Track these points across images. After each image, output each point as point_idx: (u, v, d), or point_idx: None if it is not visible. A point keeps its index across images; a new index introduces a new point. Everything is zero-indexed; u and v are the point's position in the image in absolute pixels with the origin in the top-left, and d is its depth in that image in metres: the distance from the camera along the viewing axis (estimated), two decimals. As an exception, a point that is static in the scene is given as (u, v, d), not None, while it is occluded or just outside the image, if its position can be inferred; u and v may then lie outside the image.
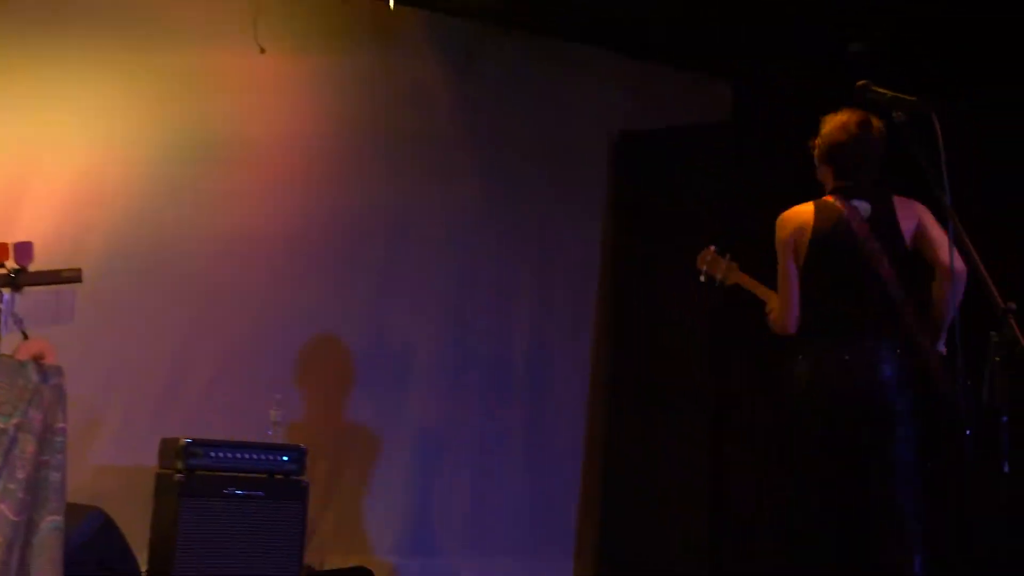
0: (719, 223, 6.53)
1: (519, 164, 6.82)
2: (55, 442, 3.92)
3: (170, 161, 5.98)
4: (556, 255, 6.98)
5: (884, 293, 4.11)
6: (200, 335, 5.98)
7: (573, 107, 6.98)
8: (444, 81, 6.67)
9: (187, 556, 5.03)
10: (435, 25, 6.57)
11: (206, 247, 6.00)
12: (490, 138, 6.80)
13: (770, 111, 6.69)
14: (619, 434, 6.83)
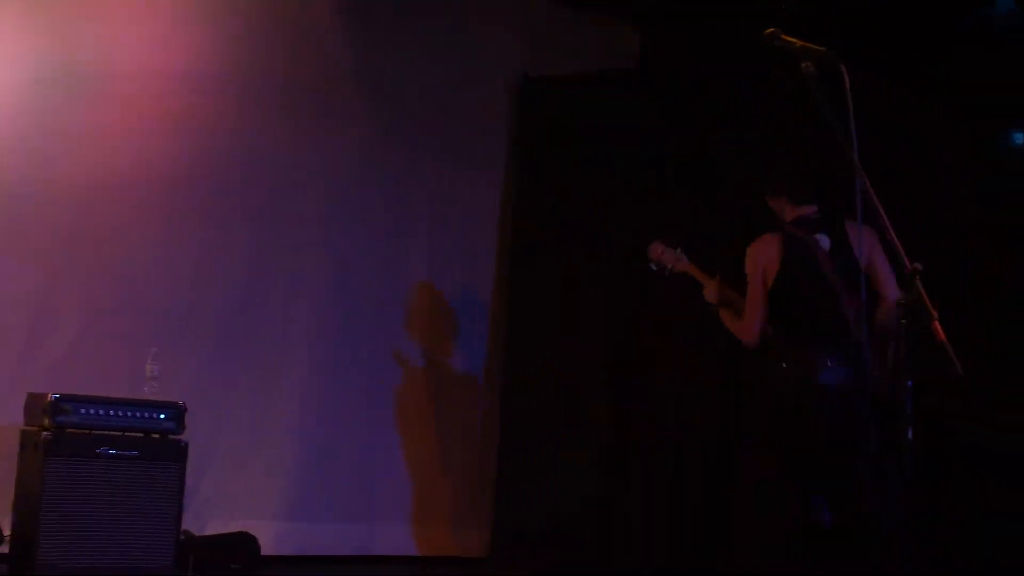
0: (625, 172, 6.59)
1: (415, 109, 6.75)
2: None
3: (35, 98, 5.73)
4: (453, 204, 6.97)
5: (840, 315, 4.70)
6: (68, 282, 5.79)
7: (473, 50, 6.95)
8: (331, 20, 6.55)
9: (54, 520, 4.91)
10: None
11: (73, 187, 5.77)
12: (384, 82, 6.72)
13: (678, 58, 6.73)
14: (516, 395, 6.85)
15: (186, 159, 6.08)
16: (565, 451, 6.51)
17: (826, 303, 4.71)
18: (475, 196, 7.06)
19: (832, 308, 4.69)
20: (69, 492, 4.97)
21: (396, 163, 6.71)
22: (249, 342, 6.27)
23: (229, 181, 6.22)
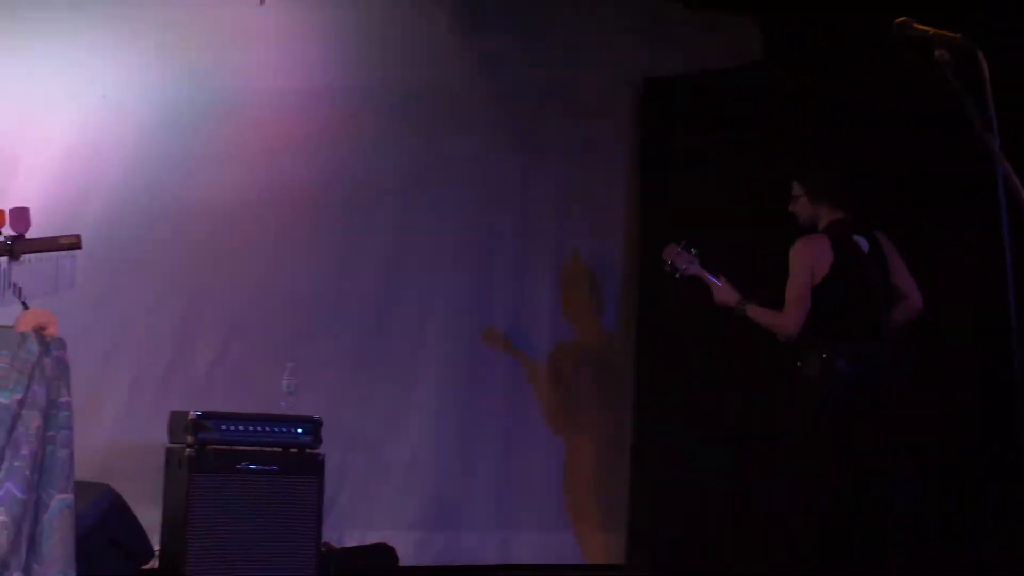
0: (751, 170, 6.53)
1: (535, 117, 6.82)
2: (60, 417, 3.97)
3: (168, 120, 5.99)
4: (577, 208, 6.99)
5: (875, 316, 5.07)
6: (205, 301, 6.03)
7: (590, 55, 6.97)
8: (454, 33, 6.66)
9: (200, 535, 5.10)
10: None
11: (208, 210, 6.02)
12: (503, 91, 6.79)
13: (803, 50, 6.66)
14: (649, 399, 6.85)
15: (318, 175, 6.27)
16: (701, 453, 6.47)
17: (864, 304, 5.04)
18: (598, 200, 7.08)
19: (869, 309, 5.05)
20: (213, 507, 5.15)
21: (519, 170, 6.77)
22: (384, 353, 6.40)
23: (359, 195, 6.38)
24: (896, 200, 5.92)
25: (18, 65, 5.69)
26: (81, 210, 5.60)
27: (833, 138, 6.33)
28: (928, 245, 5.82)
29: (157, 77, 5.99)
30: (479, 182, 6.69)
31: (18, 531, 3.79)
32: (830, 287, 5.01)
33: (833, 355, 4.98)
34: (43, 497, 3.88)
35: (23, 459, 3.82)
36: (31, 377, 3.86)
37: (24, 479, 3.82)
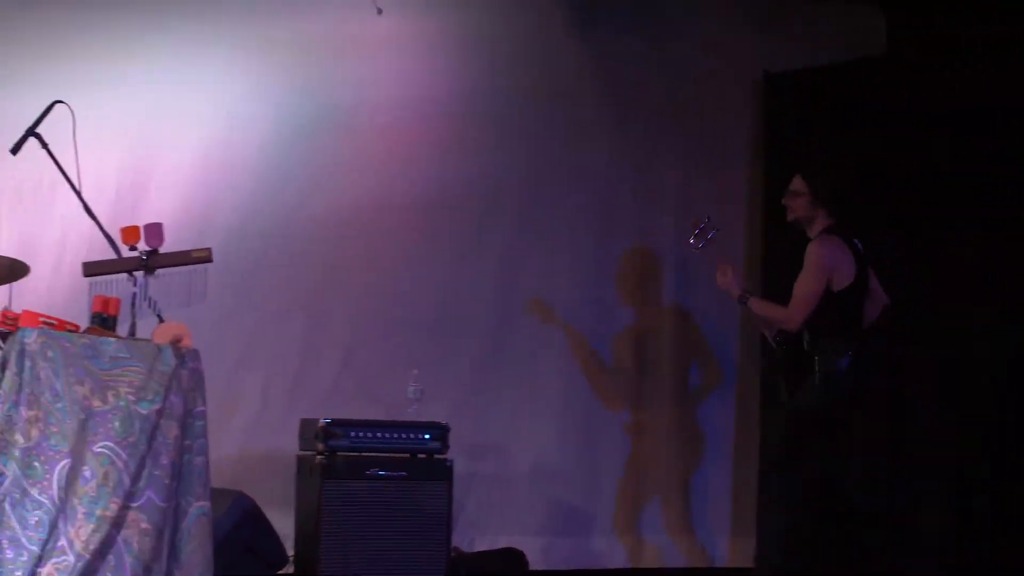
0: (877, 166, 6.42)
1: (652, 115, 6.79)
2: (196, 426, 4.10)
3: (290, 134, 6.17)
4: (700, 211, 6.92)
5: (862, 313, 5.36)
6: (330, 310, 6.18)
7: (710, 50, 6.90)
8: (567, 34, 6.67)
9: (333, 540, 5.19)
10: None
11: (332, 220, 6.18)
12: (619, 91, 6.78)
13: (930, 41, 6.52)
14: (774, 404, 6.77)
15: (439, 182, 6.36)
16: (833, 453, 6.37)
17: (861, 302, 5.31)
18: (720, 198, 7.01)
19: (861, 306, 5.31)
20: (344, 513, 5.24)
21: (638, 170, 6.76)
22: (507, 358, 6.46)
23: (480, 200, 6.45)
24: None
25: (149, 87, 5.92)
26: (210, 224, 5.80)
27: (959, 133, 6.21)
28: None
29: (280, 93, 6.17)
30: (598, 184, 6.70)
31: (159, 537, 3.93)
32: (852, 292, 5.24)
33: (852, 354, 5.21)
34: (182, 504, 4.01)
35: (163, 468, 3.96)
36: (168, 388, 4.00)
37: (164, 487, 3.95)
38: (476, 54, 6.51)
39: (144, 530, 3.89)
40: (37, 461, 3.78)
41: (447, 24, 6.47)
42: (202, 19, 6.01)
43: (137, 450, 3.90)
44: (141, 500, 3.90)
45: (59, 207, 5.63)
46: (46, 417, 3.81)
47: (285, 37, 6.14)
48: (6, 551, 3.69)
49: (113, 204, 5.61)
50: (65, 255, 5.66)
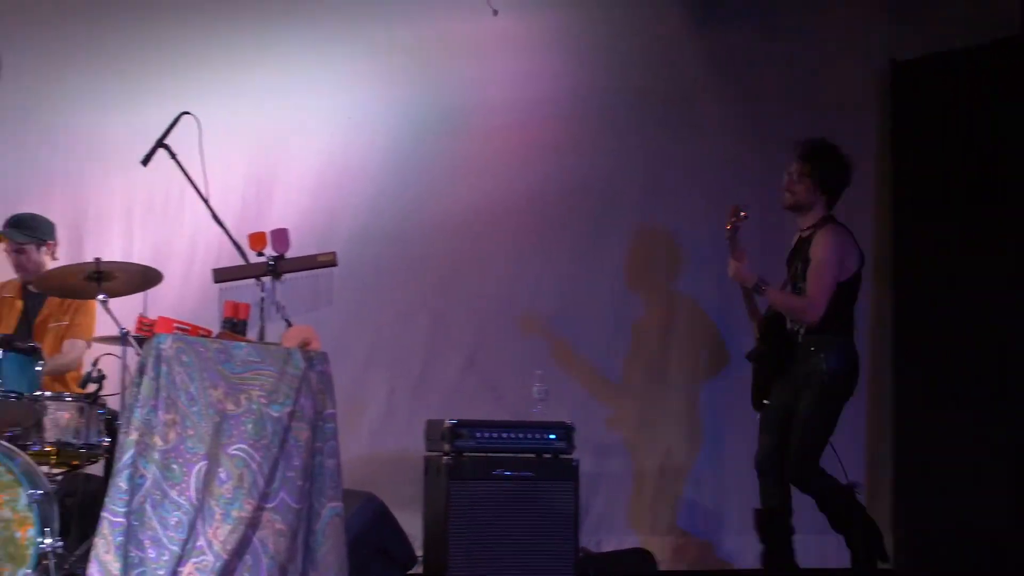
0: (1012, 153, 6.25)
1: (774, 111, 6.69)
2: (326, 428, 4.19)
3: (410, 137, 6.26)
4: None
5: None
6: (452, 311, 6.25)
7: (832, 40, 6.78)
8: (684, 30, 6.61)
9: (461, 540, 5.22)
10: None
11: (451, 221, 6.25)
12: (741, 85, 6.71)
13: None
14: (906, 390, 6.66)
15: (557, 182, 6.38)
16: (972, 450, 6.23)
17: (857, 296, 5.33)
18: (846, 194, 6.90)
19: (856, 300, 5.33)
20: (472, 513, 5.27)
21: (759, 166, 6.65)
22: (631, 357, 6.47)
23: (599, 199, 6.44)
24: None
25: (271, 95, 6.06)
26: (333, 229, 5.92)
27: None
28: None
29: (398, 97, 6.27)
30: (718, 181, 6.63)
31: (293, 539, 4.02)
32: (854, 284, 5.25)
33: (852, 346, 5.26)
34: (315, 506, 4.10)
35: (295, 470, 4.05)
36: (298, 391, 4.10)
37: (297, 489, 4.05)
38: (591, 53, 6.51)
39: (279, 531, 3.99)
40: (175, 463, 3.90)
41: (562, 24, 6.48)
42: (321, 27, 6.12)
43: (270, 452, 4.00)
44: (275, 501, 4.00)
45: (188, 216, 5.81)
46: (182, 420, 3.93)
47: (402, 41, 6.23)
48: (148, 551, 3.82)
49: (239, 211, 5.77)
50: (195, 262, 5.83)
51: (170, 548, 3.83)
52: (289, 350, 4.16)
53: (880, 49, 6.82)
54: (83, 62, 5.85)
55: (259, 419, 4.01)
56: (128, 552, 3.79)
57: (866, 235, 6.75)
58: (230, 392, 4.01)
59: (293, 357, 4.13)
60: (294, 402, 4.07)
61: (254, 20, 6.05)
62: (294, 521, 4.02)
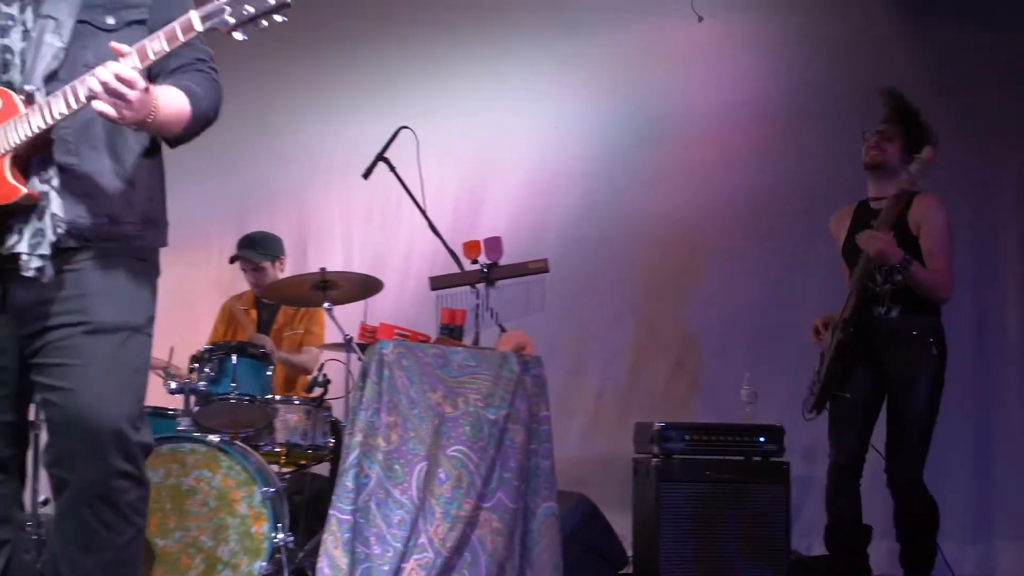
0: None
1: (991, 107, 6.38)
2: (541, 431, 4.25)
3: (616, 144, 6.29)
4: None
5: None
6: (659, 315, 6.24)
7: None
8: (893, 25, 6.38)
9: (671, 541, 5.18)
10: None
11: (659, 226, 6.25)
12: (953, 81, 6.45)
13: None
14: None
15: (761, 187, 6.26)
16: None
17: None
18: None
19: None
20: (682, 515, 5.21)
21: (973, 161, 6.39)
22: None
23: (805, 204, 6.24)
24: None
25: (483, 109, 6.20)
26: (543, 236, 5.98)
27: None
28: None
29: (604, 107, 6.32)
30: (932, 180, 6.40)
31: (511, 537, 4.09)
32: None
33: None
34: (530, 506, 4.16)
35: (511, 471, 4.13)
36: (514, 394, 4.17)
37: (513, 489, 4.12)
38: (797, 53, 6.34)
39: (496, 529, 4.06)
40: (397, 464, 4.01)
41: (766, 26, 6.38)
42: (530, 41, 6.24)
43: (487, 453, 4.08)
44: (492, 501, 4.08)
45: (404, 226, 5.97)
46: (404, 422, 4.05)
47: (608, 52, 6.27)
48: (374, 547, 3.94)
49: (453, 221, 5.89)
50: (411, 270, 5.98)
51: (394, 545, 3.94)
52: (504, 354, 4.23)
53: None
54: (305, 86, 6.10)
55: (476, 421, 4.10)
56: (355, 548, 3.92)
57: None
58: (448, 395, 4.10)
59: (508, 361, 4.20)
60: (510, 405, 4.14)
61: (467, 38, 6.20)
62: (511, 520, 4.08)
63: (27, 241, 2.71)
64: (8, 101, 2.71)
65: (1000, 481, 6.28)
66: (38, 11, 2.78)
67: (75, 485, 2.80)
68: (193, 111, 2.80)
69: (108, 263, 2.82)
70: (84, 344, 2.78)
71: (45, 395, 2.83)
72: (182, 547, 4.23)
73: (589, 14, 6.26)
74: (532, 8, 6.26)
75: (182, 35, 2.62)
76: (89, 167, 2.80)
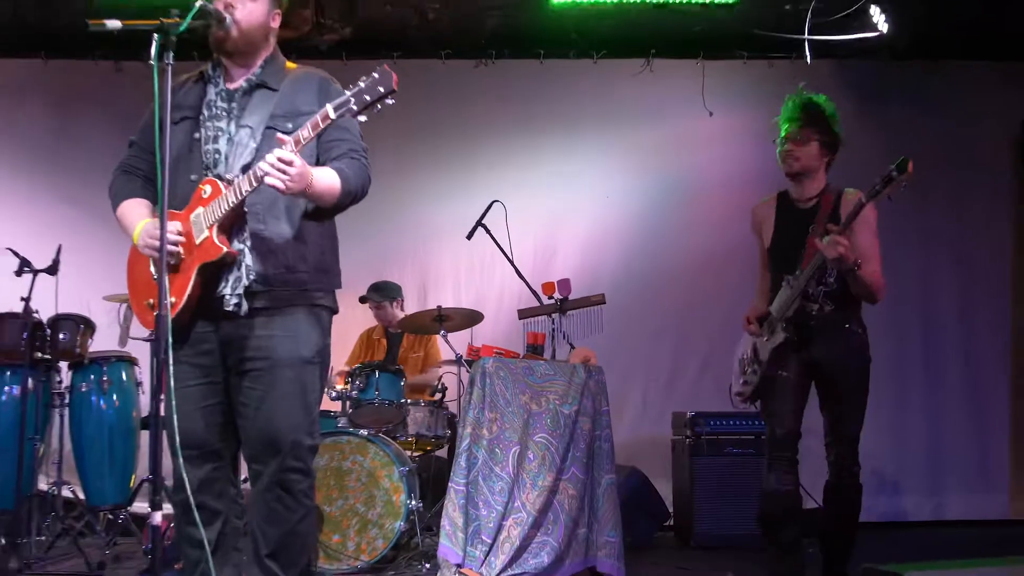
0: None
1: (929, 175, 6.16)
2: (602, 421, 4.14)
3: (651, 208, 6.17)
4: (971, 244, 6.25)
5: None
6: (691, 330, 6.06)
7: (973, 116, 6.21)
8: (857, 116, 6.13)
9: (703, 502, 5.10)
10: (844, 71, 6.11)
11: (685, 264, 6.11)
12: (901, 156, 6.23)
13: None
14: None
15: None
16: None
17: None
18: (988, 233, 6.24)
19: None
20: (710, 482, 5.11)
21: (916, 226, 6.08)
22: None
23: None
24: None
25: (553, 184, 6.13)
26: (599, 277, 5.86)
27: None
28: None
29: (641, 181, 6.22)
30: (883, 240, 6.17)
31: (582, 500, 3.98)
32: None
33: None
34: (596, 476, 4.05)
35: (582, 451, 4.02)
36: (582, 394, 4.07)
37: (583, 465, 4.01)
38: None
39: (571, 495, 3.96)
40: (498, 448, 3.94)
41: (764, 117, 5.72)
42: (587, 135, 6.18)
43: (563, 439, 3.99)
44: (568, 474, 3.98)
45: (498, 272, 5.91)
46: (501, 418, 3.97)
47: (643, 141, 6.18)
48: (481, 510, 3.87)
49: (533, 268, 5.78)
50: (503, 305, 5.90)
51: (496, 508, 3.87)
52: (575, 365, 4.14)
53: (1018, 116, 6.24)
54: (424, 171, 6.06)
55: (555, 415, 4.01)
56: (468, 511, 3.86)
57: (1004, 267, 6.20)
58: (534, 396, 4.02)
59: (577, 370, 4.11)
60: (579, 402, 4.05)
61: (541, 134, 6.16)
62: (582, 489, 3.98)
63: (230, 286, 2.75)
64: (215, 187, 2.75)
65: (948, 444, 6.07)
66: (239, 123, 2.82)
67: (263, 477, 2.79)
68: (342, 186, 2.78)
69: (288, 309, 2.80)
70: (267, 375, 2.78)
71: (239, 409, 2.82)
72: (343, 512, 4.18)
73: (629, 116, 6.17)
74: (587, 112, 6.17)
75: (322, 123, 2.62)
76: (272, 231, 2.79)
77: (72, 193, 5.79)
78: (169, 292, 2.68)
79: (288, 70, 2.93)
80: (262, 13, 2.87)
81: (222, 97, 2.86)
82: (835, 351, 3.57)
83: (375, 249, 5.90)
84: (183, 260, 2.75)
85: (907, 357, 6.07)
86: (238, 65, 2.89)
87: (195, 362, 2.80)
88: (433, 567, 4.00)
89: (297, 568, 2.82)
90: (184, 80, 2.93)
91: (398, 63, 5.95)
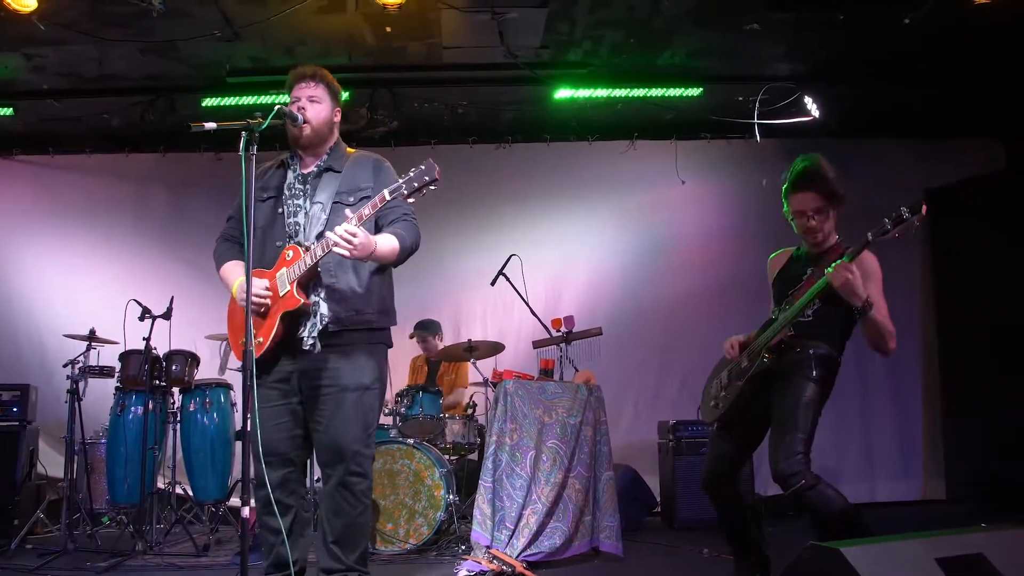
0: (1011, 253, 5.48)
1: (852, 226, 6.07)
2: (602, 429, 4.06)
3: (637, 258, 6.12)
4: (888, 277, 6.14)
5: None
6: (673, 354, 5.96)
7: (886, 181, 6.04)
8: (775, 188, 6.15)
9: (684, 494, 5.00)
10: (785, 147, 5.97)
11: (668, 303, 6.03)
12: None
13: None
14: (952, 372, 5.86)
15: (720, 279, 5.98)
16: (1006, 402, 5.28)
17: None
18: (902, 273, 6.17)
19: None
20: (689, 477, 5.01)
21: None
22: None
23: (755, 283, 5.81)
24: None
25: (561, 240, 6.07)
26: (597, 313, 5.79)
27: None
28: None
29: (628, 237, 6.16)
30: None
31: (586, 493, 3.90)
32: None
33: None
34: (597, 474, 3.97)
35: (586, 454, 3.95)
36: (585, 408, 4.01)
37: (587, 465, 3.93)
38: (751, 199, 5.86)
39: (578, 489, 3.88)
40: (518, 452, 3.87)
41: (730, 184, 6.06)
42: (583, 200, 6.12)
43: (570, 444, 3.92)
44: (575, 472, 3.90)
45: (516, 311, 5.84)
46: (520, 428, 3.91)
47: (628, 205, 6.14)
48: (505, 502, 3.80)
49: (544, 306, 5.75)
50: (521, 337, 5.84)
51: (517, 500, 3.79)
52: (578, 385, 4.09)
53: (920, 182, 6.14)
54: (457, 231, 6.03)
55: (563, 426, 3.94)
56: (495, 503, 3.78)
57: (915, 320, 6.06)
58: (546, 410, 3.96)
59: (581, 389, 4.05)
60: (582, 415, 3.99)
61: (547, 197, 6.12)
62: (586, 484, 3.91)
63: (307, 330, 2.75)
64: (296, 252, 2.77)
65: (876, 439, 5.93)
66: (312, 200, 2.84)
67: (331, 479, 2.78)
68: (400, 247, 2.80)
69: (354, 346, 2.79)
70: (334, 398, 2.76)
71: (312, 425, 2.81)
72: (394, 505, 4.11)
73: (618, 185, 6.14)
74: (585, 183, 6.14)
75: (380, 203, 2.62)
76: (342, 284, 2.80)
77: (183, 255, 5.84)
78: (258, 333, 2.69)
79: (348, 155, 2.95)
80: (327, 112, 2.90)
81: (299, 180, 2.90)
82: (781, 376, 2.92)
83: (420, 293, 5.89)
84: (270, 309, 2.75)
85: (845, 368, 5.93)
86: (310, 154, 2.92)
87: (277, 388, 2.80)
88: (467, 549, 3.92)
89: (357, 552, 2.78)
90: (269, 166, 2.97)
91: (435, 148, 6.01)
